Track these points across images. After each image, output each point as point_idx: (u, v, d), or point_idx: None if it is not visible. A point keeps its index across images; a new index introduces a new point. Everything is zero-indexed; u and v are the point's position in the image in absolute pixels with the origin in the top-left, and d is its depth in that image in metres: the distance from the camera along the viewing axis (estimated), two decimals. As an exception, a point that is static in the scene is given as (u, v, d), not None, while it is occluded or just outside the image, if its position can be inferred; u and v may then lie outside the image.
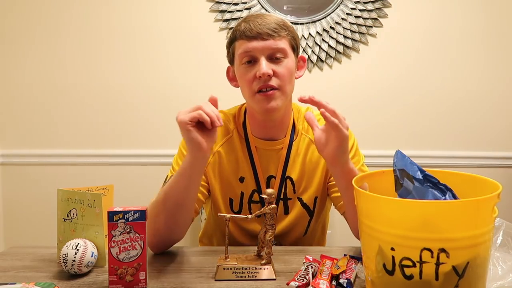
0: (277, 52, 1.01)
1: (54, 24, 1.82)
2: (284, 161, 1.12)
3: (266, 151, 1.12)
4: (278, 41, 1.00)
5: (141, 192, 1.79)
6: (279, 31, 1.00)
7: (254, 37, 0.99)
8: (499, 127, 1.87)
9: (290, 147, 1.12)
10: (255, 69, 1.00)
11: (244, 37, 1.01)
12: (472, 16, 1.82)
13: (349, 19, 1.80)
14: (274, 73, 1.00)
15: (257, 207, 1.12)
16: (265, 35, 0.99)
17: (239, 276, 0.89)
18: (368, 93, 1.85)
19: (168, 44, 1.83)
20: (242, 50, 1.02)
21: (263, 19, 1.01)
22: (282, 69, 1.01)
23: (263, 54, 1.00)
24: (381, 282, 0.67)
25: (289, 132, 1.13)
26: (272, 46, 1.00)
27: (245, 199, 1.13)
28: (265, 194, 0.91)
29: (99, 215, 0.94)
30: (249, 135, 1.12)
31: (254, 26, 0.99)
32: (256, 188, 1.12)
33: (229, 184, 1.12)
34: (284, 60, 1.02)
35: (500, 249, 0.82)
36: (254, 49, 1.00)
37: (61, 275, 0.92)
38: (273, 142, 1.12)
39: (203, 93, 1.82)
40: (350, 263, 0.90)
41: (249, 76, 1.01)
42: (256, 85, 1.01)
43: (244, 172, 1.11)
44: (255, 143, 1.12)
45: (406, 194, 0.72)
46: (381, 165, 1.68)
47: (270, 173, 1.13)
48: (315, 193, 1.15)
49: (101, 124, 1.86)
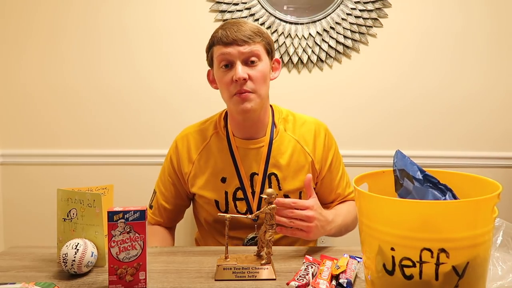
0: (251, 56, 1.10)
1: (54, 24, 1.82)
2: (266, 158, 1.18)
3: (246, 150, 1.19)
4: (253, 46, 1.09)
5: (141, 192, 1.79)
6: (253, 37, 1.09)
7: (230, 43, 1.08)
8: (499, 127, 1.86)
9: (270, 145, 1.19)
10: (232, 73, 1.09)
11: (221, 43, 1.10)
12: (472, 16, 1.82)
13: (349, 19, 1.80)
14: (249, 77, 1.09)
15: (242, 204, 1.19)
16: (240, 42, 1.08)
17: (239, 276, 0.89)
18: (368, 93, 1.85)
19: (168, 44, 1.83)
20: (219, 54, 1.10)
21: (239, 26, 1.10)
22: (256, 73, 1.10)
23: (238, 59, 1.09)
24: (381, 282, 0.67)
25: (269, 131, 1.20)
26: (246, 50, 1.09)
27: (230, 197, 1.19)
28: (265, 194, 0.91)
29: (99, 215, 0.94)
30: (230, 135, 1.20)
31: (230, 33, 1.08)
32: (240, 186, 1.18)
33: (213, 187, 1.19)
34: (259, 64, 1.11)
35: (500, 249, 0.82)
36: (230, 54, 1.09)
37: (61, 275, 0.92)
38: (253, 140, 1.19)
39: (203, 93, 1.83)
40: (350, 263, 0.90)
41: (226, 79, 1.10)
42: (234, 89, 1.09)
43: (225, 173, 1.19)
44: (236, 143, 1.19)
45: (406, 194, 0.72)
46: (381, 165, 1.69)
47: (253, 170, 1.19)
48: (300, 188, 1.21)
49: (101, 124, 1.86)
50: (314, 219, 1.01)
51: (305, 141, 1.21)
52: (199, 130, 1.24)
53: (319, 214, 1.03)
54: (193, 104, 1.84)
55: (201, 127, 1.25)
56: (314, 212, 1.01)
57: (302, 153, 1.20)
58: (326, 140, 1.23)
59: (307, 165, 1.20)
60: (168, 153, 1.27)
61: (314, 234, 1.02)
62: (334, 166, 1.25)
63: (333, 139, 1.27)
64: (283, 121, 1.23)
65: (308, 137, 1.22)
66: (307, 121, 1.25)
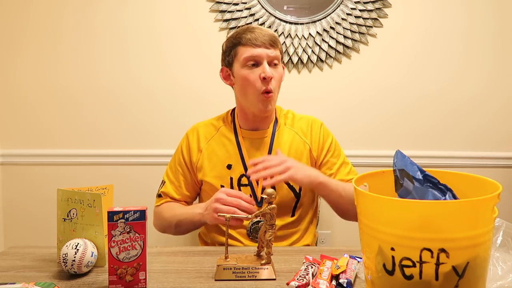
0: (275, 59, 1.22)
1: (54, 24, 1.82)
2: (269, 147, 1.29)
3: (252, 140, 1.29)
4: (275, 50, 1.22)
5: (141, 192, 1.79)
6: (275, 42, 1.22)
7: (259, 45, 1.19)
8: (500, 127, 1.86)
9: (273, 136, 1.30)
10: (259, 70, 1.19)
11: (250, 44, 1.19)
12: (473, 16, 1.82)
13: (349, 19, 1.80)
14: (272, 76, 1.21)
15: (246, 190, 1.25)
16: (268, 45, 1.20)
17: (239, 276, 0.89)
18: (368, 93, 1.85)
19: (168, 44, 1.83)
20: (248, 55, 1.19)
21: (262, 31, 1.21)
22: (278, 74, 1.23)
23: (266, 60, 1.20)
24: (381, 282, 0.67)
25: (272, 124, 1.31)
26: (273, 54, 1.20)
27: (235, 183, 1.26)
28: (265, 194, 0.92)
29: (99, 215, 0.94)
30: (237, 127, 1.31)
31: (259, 36, 1.19)
32: (245, 172, 1.26)
33: (219, 173, 1.27)
34: (279, 66, 1.24)
35: (500, 249, 0.82)
36: (259, 55, 1.19)
37: (61, 275, 0.92)
38: (258, 131, 1.30)
39: (203, 93, 1.83)
40: (350, 263, 0.90)
41: (254, 76, 1.20)
42: (262, 86, 1.19)
43: (231, 160, 1.27)
44: (242, 134, 1.30)
45: (406, 194, 0.72)
46: (381, 165, 1.69)
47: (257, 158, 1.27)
48: None
49: (101, 124, 1.86)
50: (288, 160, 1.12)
51: (303, 132, 1.32)
52: (210, 124, 1.35)
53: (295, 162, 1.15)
54: (192, 105, 1.84)
55: (211, 121, 1.36)
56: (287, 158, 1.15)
57: (300, 142, 1.31)
58: (321, 130, 1.34)
59: (305, 152, 1.30)
60: (179, 144, 1.35)
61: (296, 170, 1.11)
62: (333, 154, 1.32)
63: (329, 132, 1.36)
64: (284, 117, 1.35)
65: (305, 129, 1.33)
66: (303, 117, 1.37)
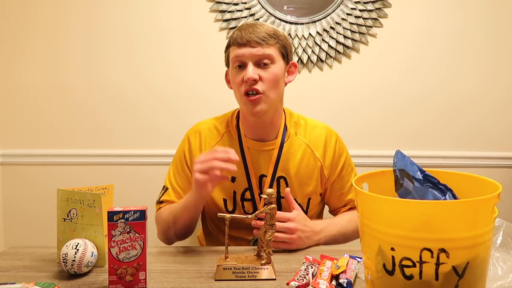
0: (264, 58, 1.09)
1: (55, 23, 1.82)
2: (276, 161, 1.18)
3: (257, 151, 1.19)
4: (266, 48, 1.09)
5: (141, 192, 1.79)
6: (267, 40, 1.09)
7: (244, 44, 1.09)
8: (499, 127, 1.86)
9: (281, 148, 1.19)
10: (243, 73, 1.09)
11: (236, 44, 1.11)
12: (472, 16, 1.81)
13: (349, 19, 1.80)
14: (260, 78, 1.09)
15: (249, 205, 1.18)
16: (254, 43, 1.08)
17: (239, 276, 0.89)
18: (368, 93, 1.85)
19: (168, 44, 1.83)
20: (233, 55, 1.11)
21: (254, 28, 1.10)
22: (268, 75, 1.10)
23: (251, 60, 1.09)
24: (381, 282, 0.67)
25: (280, 134, 1.19)
26: (259, 53, 1.09)
27: (238, 197, 1.18)
28: (265, 194, 0.92)
29: (99, 215, 0.94)
30: (242, 136, 1.20)
31: (244, 34, 1.09)
32: (248, 187, 1.18)
33: (222, 185, 1.17)
34: (271, 66, 1.11)
35: (500, 249, 0.82)
36: (243, 55, 1.09)
37: (61, 275, 0.92)
38: (265, 143, 1.19)
39: (203, 93, 1.83)
40: (350, 263, 0.90)
41: (238, 79, 1.11)
42: (243, 88, 1.10)
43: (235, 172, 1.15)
44: (247, 144, 1.19)
45: (406, 194, 0.72)
46: (381, 165, 1.69)
47: (262, 172, 1.19)
48: (308, 195, 1.21)
49: (101, 124, 1.86)
50: (296, 230, 1.04)
51: (315, 146, 1.20)
52: (213, 127, 1.23)
53: (303, 225, 1.05)
54: (193, 104, 1.84)
55: (214, 123, 1.24)
56: (296, 223, 1.04)
57: (312, 157, 1.20)
58: (337, 146, 1.22)
59: (316, 169, 1.19)
60: (180, 148, 1.25)
61: (297, 245, 1.05)
62: (345, 173, 1.24)
63: (345, 146, 1.26)
64: (295, 124, 1.23)
65: (318, 142, 1.21)
66: (318, 126, 1.24)
